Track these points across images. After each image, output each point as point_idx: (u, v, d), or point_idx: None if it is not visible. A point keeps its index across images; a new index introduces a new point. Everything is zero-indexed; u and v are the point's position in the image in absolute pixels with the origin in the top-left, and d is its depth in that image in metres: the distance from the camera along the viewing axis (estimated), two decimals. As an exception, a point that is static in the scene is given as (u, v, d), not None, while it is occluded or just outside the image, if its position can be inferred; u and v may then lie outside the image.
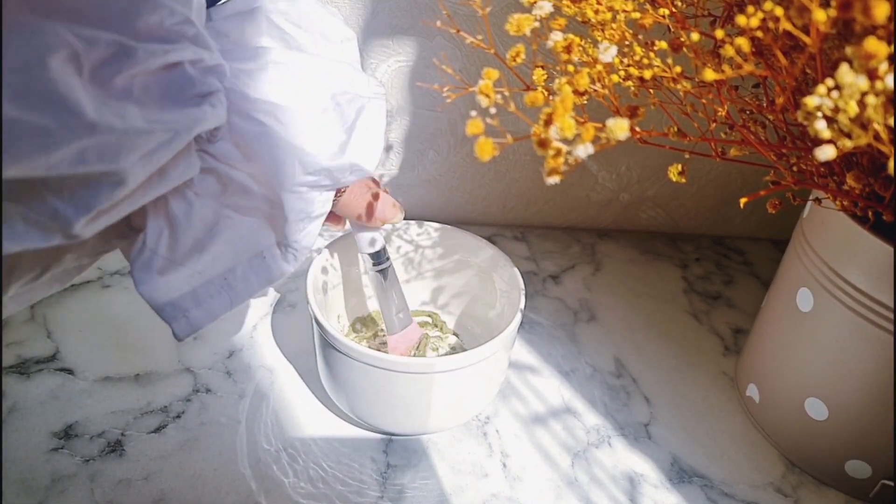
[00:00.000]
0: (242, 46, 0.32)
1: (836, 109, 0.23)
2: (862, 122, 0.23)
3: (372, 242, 0.44)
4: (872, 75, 0.22)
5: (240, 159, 0.31)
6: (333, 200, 0.37)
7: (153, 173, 0.27)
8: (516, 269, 0.47)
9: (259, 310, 0.55)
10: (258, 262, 0.34)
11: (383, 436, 0.46)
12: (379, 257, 0.45)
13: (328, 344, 0.41)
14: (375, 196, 0.41)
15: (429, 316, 0.53)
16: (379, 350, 0.48)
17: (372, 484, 0.43)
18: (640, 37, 0.34)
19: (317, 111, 0.32)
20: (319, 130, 0.32)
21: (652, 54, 0.33)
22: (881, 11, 0.21)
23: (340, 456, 0.44)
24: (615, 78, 0.33)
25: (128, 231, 0.31)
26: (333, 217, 0.42)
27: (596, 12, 0.34)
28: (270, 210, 0.33)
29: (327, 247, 0.47)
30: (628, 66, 0.33)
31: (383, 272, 0.45)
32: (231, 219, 0.33)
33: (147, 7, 0.25)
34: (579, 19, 0.34)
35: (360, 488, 0.42)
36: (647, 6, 0.35)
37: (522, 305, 0.44)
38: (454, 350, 0.52)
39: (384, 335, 0.51)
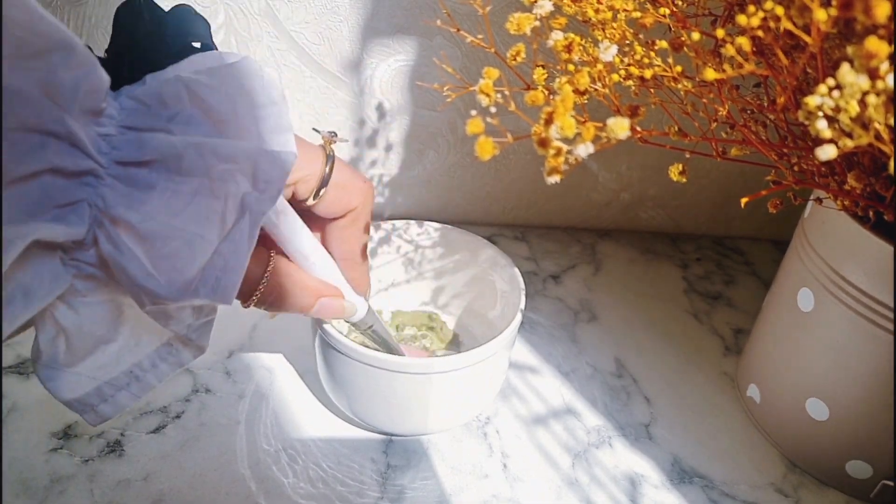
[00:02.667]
0: (153, 119, 0.28)
1: (837, 109, 0.23)
2: (863, 122, 0.23)
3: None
4: (873, 75, 0.22)
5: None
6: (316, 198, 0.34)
7: (9, 290, 0.25)
8: (516, 269, 0.47)
9: (259, 310, 0.55)
10: (167, 350, 0.33)
11: (383, 436, 0.46)
12: (361, 325, 0.41)
13: (328, 344, 0.41)
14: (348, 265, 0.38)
15: (429, 317, 0.53)
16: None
17: (372, 484, 0.43)
18: (641, 36, 0.34)
19: (179, 239, 0.28)
20: (173, 262, 0.28)
21: (652, 53, 0.33)
22: (882, 11, 0.21)
23: (340, 456, 0.44)
24: (616, 77, 0.33)
25: (27, 325, 0.29)
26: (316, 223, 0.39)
27: (596, 11, 0.34)
28: None
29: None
30: (629, 65, 0.33)
31: (372, 329, 0.42)
32: (133, 307, 0.30)
33: (10, 106, 0.23)
34: (580, 18, 0.34)
35: (360, 489, 0.42)
36: (648, 5, 0.34)
37: (523, 306, 0.44)
38: (453, 350, 0.52)
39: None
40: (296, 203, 0.35)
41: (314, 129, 0.38)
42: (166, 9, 0.32)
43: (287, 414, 0.47)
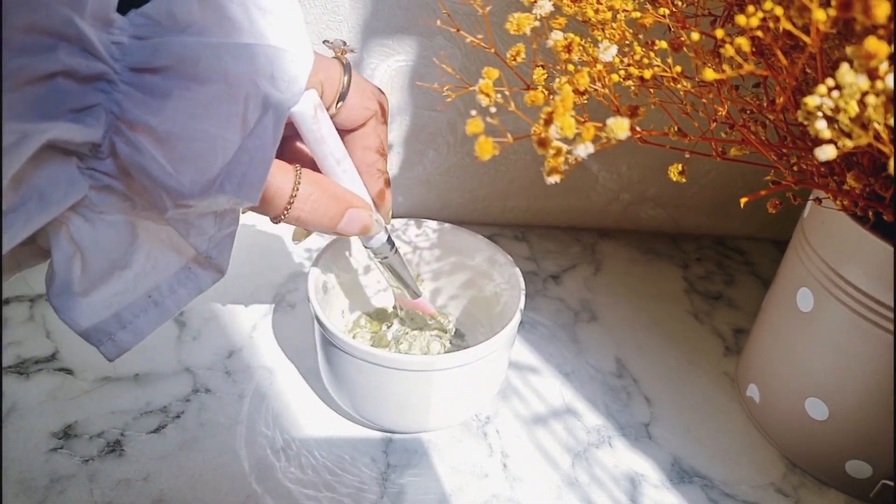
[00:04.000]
0: (168, 38, 0.28)
1: (837, 109, 0.23)
2: (862, 122, 0.23)
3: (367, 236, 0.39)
4: (873, 75, 0.22)
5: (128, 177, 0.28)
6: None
7: (24, 192, 0.24)
8: (517, 269, 0.47)
9: (259, 310, 0.55)
10: (185, 275, 0.32)
11: (383, 436, 0.46)
12: (381, 250, 0.41)
13: (329, 341, 0.41)
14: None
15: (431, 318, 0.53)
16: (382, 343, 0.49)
17: (372, 484, 0.43)
18: (641, 36, 0.34)
19: (199, 141, 0.27)
20: (195, 161, 0.27)
21: (652, 54, 0.33)
22: (881, 11, 0.21)
23: (340, 456, 0.44)
24: (615, 77, 0.33)
25: (41, 252, 0.29)
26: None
27: (596, 11, 0.34)
28: None
29: (328, 245, 0.47)
30: (628, 65, 0.33)
31: (389, 260, 0.42)
32: (150, 231, 0.30)
33: (18, 8, 0.22)
34: (579, 18, 0.34)
35: (360, 488, 0.42)
36: (648, 5, 0.35)
37: (522, 305, 0.44)
38: (456, 348, 0.52)
39: (389, 329, 0.51)
40: None
41: (325, 41, 0.38)
42: None
43: (287, 414, 0.47)
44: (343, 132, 0.37)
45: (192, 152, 0.27)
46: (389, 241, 0.41)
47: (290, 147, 0.37)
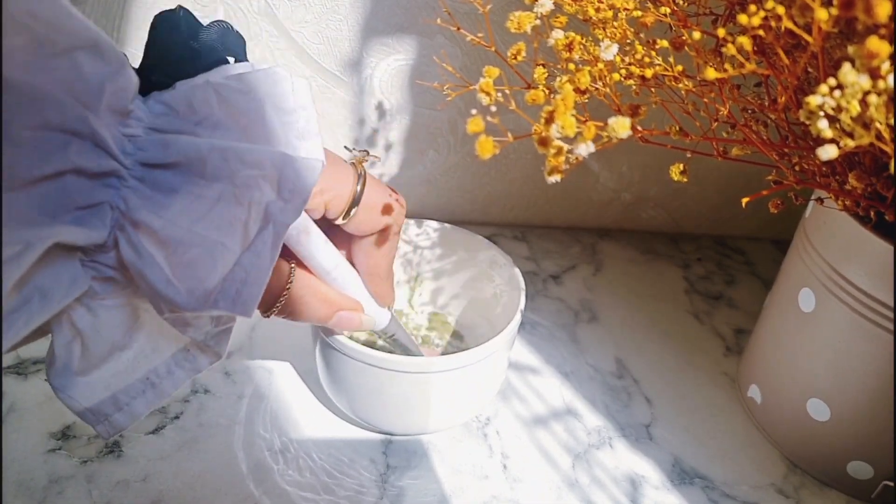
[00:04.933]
0: (180, 122, 0.28)
1: (839, 109, 0.23)
2: (864, 122, 0.23)
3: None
4: (874, 74, 0.22)
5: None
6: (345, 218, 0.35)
7: (26, 291, 0.24)
8: (517, 269, 0.46)
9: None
10: (183, 356, 0.32)
11: (383, 437, 0.46)
12: (383, 332, 0.42)
13: (327, 344, 0.40)
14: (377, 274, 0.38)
15: (429, 317, 0.53)
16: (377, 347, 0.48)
17: (371, 485, 0.42)
18: (642, 35, 0.34)
19: (200, 247, 0.28)
20: (194, 270, 0.28)
21: (653, 53, 0.33)
22: (883, 10, 0.21)
23: (340, 457, 0.44)
24: (616, 76, 0.33)
25: (41, 332, 0.29)
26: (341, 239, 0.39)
27: (597, 10, 0.33)
28: None
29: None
30: (630, 64, 0.33)
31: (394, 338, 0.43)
32: (150, 312, 0.30)
33: (32, 106, 0.22)
34: (580, 17, 0.34)
35: (360, 489, 0.42)
36: (649, 4, 0.34)
37: (522, 306, 0.44)
38: (457, 343, 0.51)
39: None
40: (325, 221, 0.35)
41: (346, 147, 0.38)
42: (204, 23, 0.31)
43: (286, 415, 0.46)
44: (351, 235, 0.38)
45: (191, 260, 0.27)
46: (393, 321, 0.42)
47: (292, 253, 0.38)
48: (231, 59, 0.31)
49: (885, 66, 0.22)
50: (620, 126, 0.25)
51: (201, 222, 0.27)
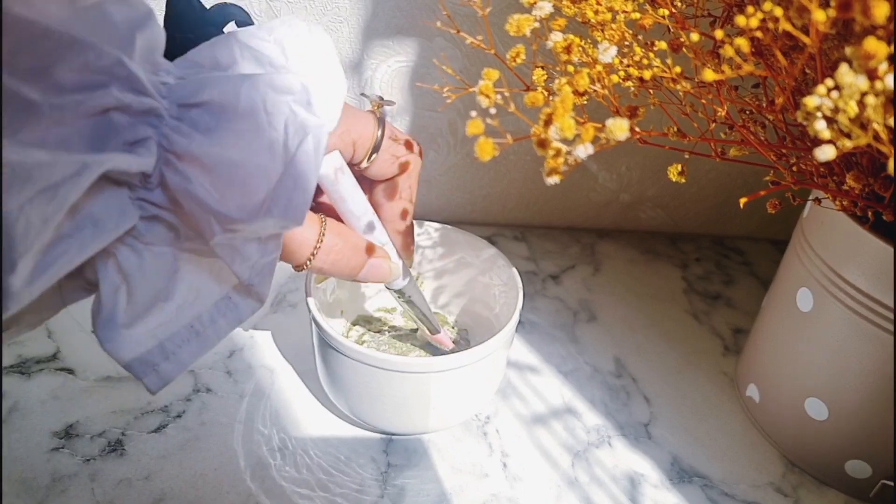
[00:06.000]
0: (210, 75, 0.30)
1: (836, 109, 0.23)
2: (861, 123, 0.23)
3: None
4: (872, 75, 0.22)
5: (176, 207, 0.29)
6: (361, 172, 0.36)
7: (79, 219, 0.25)
8: (514, 269, 0.47)
9: (260, 310, 0.55)
10: (225, 304, 0.33)
11: (383, 436, 0.46)
12: (402, 292, 0.42)
13: (326, 344, 0.41)
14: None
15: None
16: (379, 347, 0.49)
17: (372, 484, 0.43)
18: (640, 37, 0.34)
19: (244, 169, 0.29)
20: (241, 188, 0.29)
21: (652, 55, 0.33)
22: (881, 11, 0.21)
23: (341, 456, 0.44)
24: (615, 78, 0.33)
25: (87, 285, 0.30)
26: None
27: (596, 13, 0.34)
28: None
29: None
30: (628, 66, 0.33)
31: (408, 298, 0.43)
32: (192, 262, 0.31)
33: (71, 51, 0.24)
34: (579, 20, 0.34)
35: (361, 488, 0.42)
36: (647, 7, 0.35)
37: (520, 305, 0.44)
38: (461, 339, 0.52)
39: (388, 331, 0.51)
40: (350, 167, 0.36)
41: (362, 93, 0.39)
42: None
43: (288, 413, 0.47)
44: (374, 182, 0.39)
45: (237, 179, 0.28)
46: (411, 282, 0.42)
47: (317, 197, 0.39)
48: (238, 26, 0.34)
49: (883, 66, 0.22)
50: (619, 127, 0.26)
51: (241, 149, 0.28)
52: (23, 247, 0.23)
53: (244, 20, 0.34)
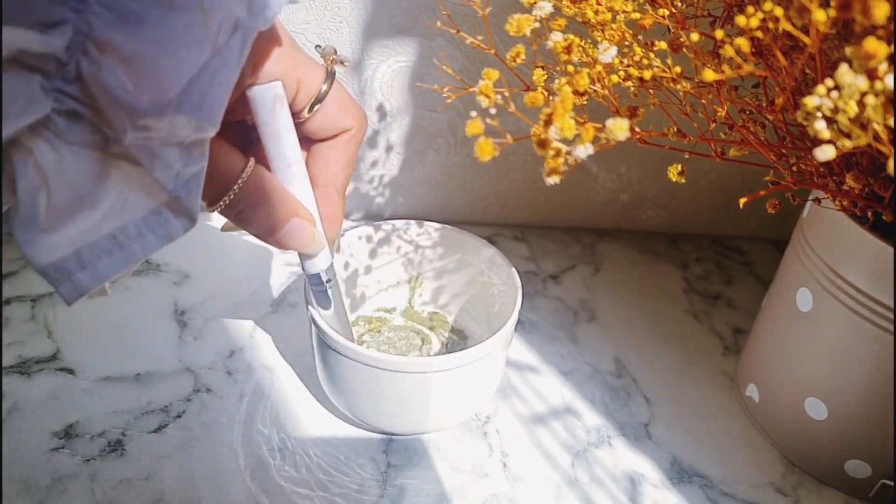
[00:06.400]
0: None
1: (836, 109, 0.23)
2: (861, 123, 0.23)
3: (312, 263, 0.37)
4: (872, 75, 0.22)
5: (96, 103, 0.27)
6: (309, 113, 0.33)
7: None
8: (514, 269, 0.46)
9: (259, 310, 0.55)
10: (154, 219, 0.30)
11: (383, 436, 0.46)
12: (318, 278, 0.38)
13: (325, 345, 0.41)
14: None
15: (430, 317, 0.53)
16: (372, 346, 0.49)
17: (372, 484, 0.43)
18: (640, 37, 0.34)
19: (163, 62, 0.26)
20: (156, 81, 0.27)
21: (652, 55, 0.33)
22: (881, 12, 0.21)
23: (340, 456, 0.44)
24: (615, 78, 0.33)
25: (10, 185, 0.28)
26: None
27: (596, 13, 0.34)
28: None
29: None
30: (628, 66, 0.33)
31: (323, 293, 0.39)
32: (122, 170, 0.28)
33: None
34: (579, 20, 0.34)
35: (361, 488, 0.42)
36: (647, 7, 0.35)
37: (519, 304, 0.44)
38: (458, 339, 0.52)
39: (387, 331, 0.51)
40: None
41: (316, 45, 0.37)
42: None
43: (288, 413, 0.47)
44: (311, 140, 0.36)
45: (155, 71, 0.26)
46: (330, 270, 0.38)
47: (253, 150, 0.35)
48: None
49: (883, 66, 0.22)
50: (619, 128, 0.26)
51: (168, 45, 0.26)
52: None
53: None
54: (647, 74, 0.32)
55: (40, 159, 0.27)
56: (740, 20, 0.26)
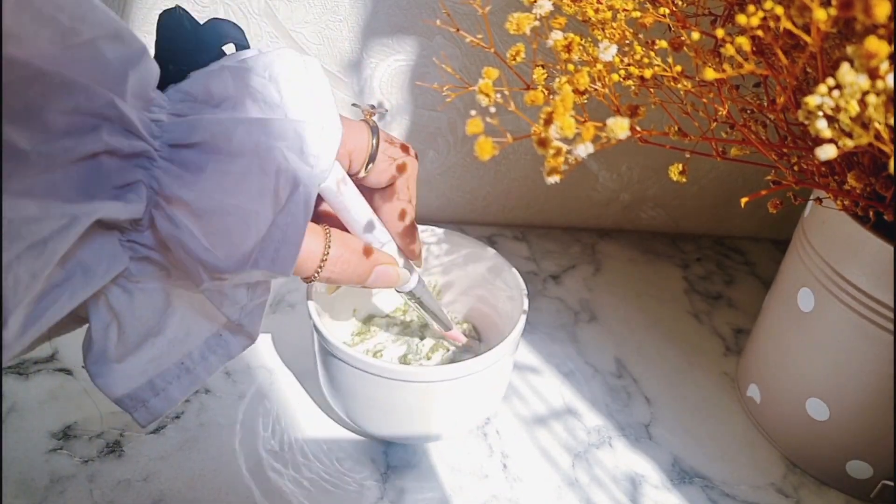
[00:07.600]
0: (204, 116, 0.29)
1: (837, 109, 0.23)
2: (863, 122, 0.23)
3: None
4: (873, 74, 0.22)
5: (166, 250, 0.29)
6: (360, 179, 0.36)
7: (69, 266, 0.25)
8: (517, 273, 0.46)
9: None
10: (216, 341, 0.33)
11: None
12: (412, 294, 0.42)
13: (328, 352, 0.40)
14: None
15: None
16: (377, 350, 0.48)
17: (372, 485, 0.43)
18: (641, 36, 0.34)
19: (233, 216, 0.29)
20: (229, 236, 0.29)
21: (652, 53, 0.33)
22: (882, 10, 0.21)
23: (340, 457, 0.44)
24: (615, 77, 0.33)
25: (77, 320, 0.30)
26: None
27: (596, 11, 0.34)
28: None
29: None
30: (629, 65, 0.33)
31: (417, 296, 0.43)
32: (183, 299, 0.31)
33: (62, 93, 0.23)
34: (579, 18, 0.34)
35: (360, 489, 0.42)
36: (648, 5, 0.34)
37: (525, 309, 0.43)
38: (473, 338, 0.51)
39: (401, 328, 0.51)
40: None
41: (353, 104, 0.38)
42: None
43: (287, 415, 0.47)
44: (373, 189, 0.38)
45: (226, 227, 0.28)
46: (420, 284, 0.42)
47: (318, 206, 0.38)
48: (233, 46, 0.33)
49: (884, 66, 0.22)
50: (619, 127, 0.26)
51: (232, 194, 0.28)
52: (12, 303, 0.23)
53: (240, 40, 0.33)
54: (648, 73, 0.32)
55: (113, 301, 0.29)
56: (741, 19, 0.25)
